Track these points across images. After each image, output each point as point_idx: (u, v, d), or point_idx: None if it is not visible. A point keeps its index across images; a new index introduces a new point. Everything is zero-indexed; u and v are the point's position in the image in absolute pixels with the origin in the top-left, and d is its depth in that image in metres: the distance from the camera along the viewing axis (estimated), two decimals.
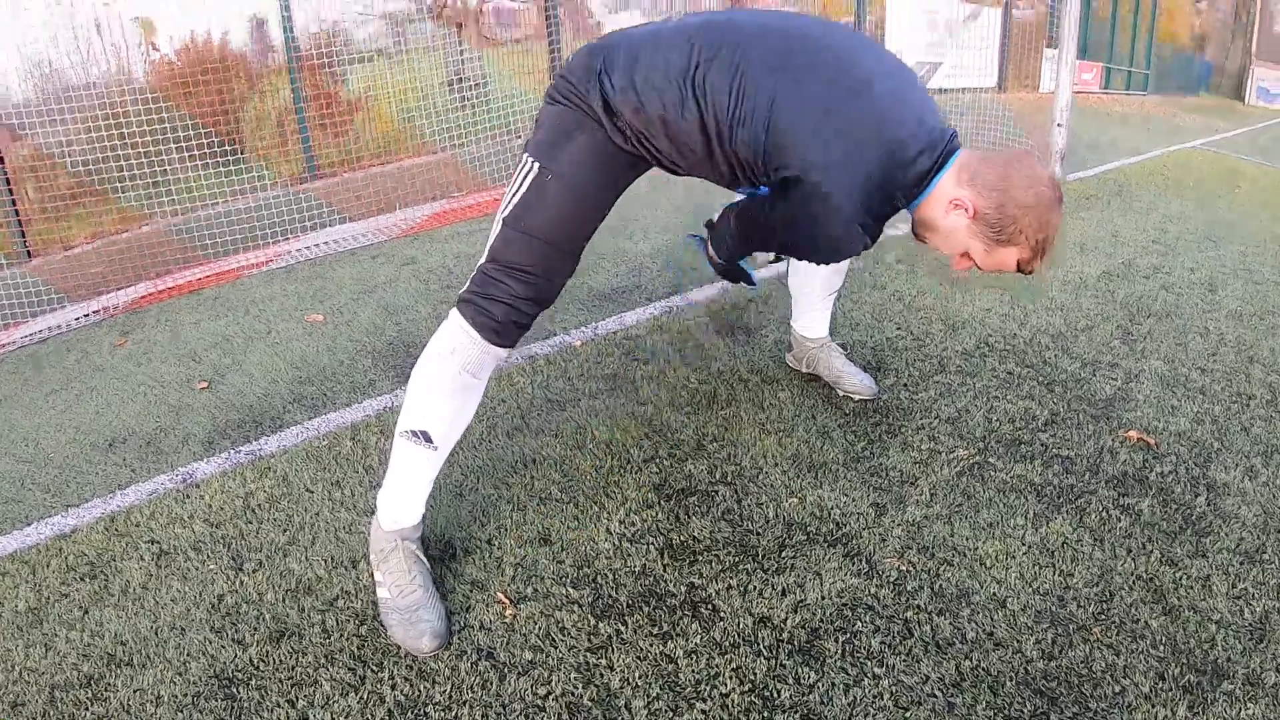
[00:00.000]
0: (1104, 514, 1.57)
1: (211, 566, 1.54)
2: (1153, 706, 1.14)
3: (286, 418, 2.10)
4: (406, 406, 1.38)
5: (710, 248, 1.69)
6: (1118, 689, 1.17)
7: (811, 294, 1.95)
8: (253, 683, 1.26)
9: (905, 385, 2.06)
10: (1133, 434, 1.84)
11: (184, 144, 4.41)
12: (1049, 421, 1.90)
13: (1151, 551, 1.46)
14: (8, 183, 4.06)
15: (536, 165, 1.34)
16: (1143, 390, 2.06)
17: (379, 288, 3.05)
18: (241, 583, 1.49)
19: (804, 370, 2.04)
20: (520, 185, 1.34)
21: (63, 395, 2.46)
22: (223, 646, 1.34)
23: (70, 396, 2.43)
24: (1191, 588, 1.38)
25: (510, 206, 1.34)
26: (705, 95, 1.28)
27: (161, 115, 4.43)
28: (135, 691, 1.26)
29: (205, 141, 4.43)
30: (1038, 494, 1.63)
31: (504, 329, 1.34)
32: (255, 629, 1.37)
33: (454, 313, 1.37)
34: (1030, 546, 1.47)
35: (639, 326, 2.45)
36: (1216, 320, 2.52)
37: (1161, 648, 1.25)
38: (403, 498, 1.40)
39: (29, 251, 4.07)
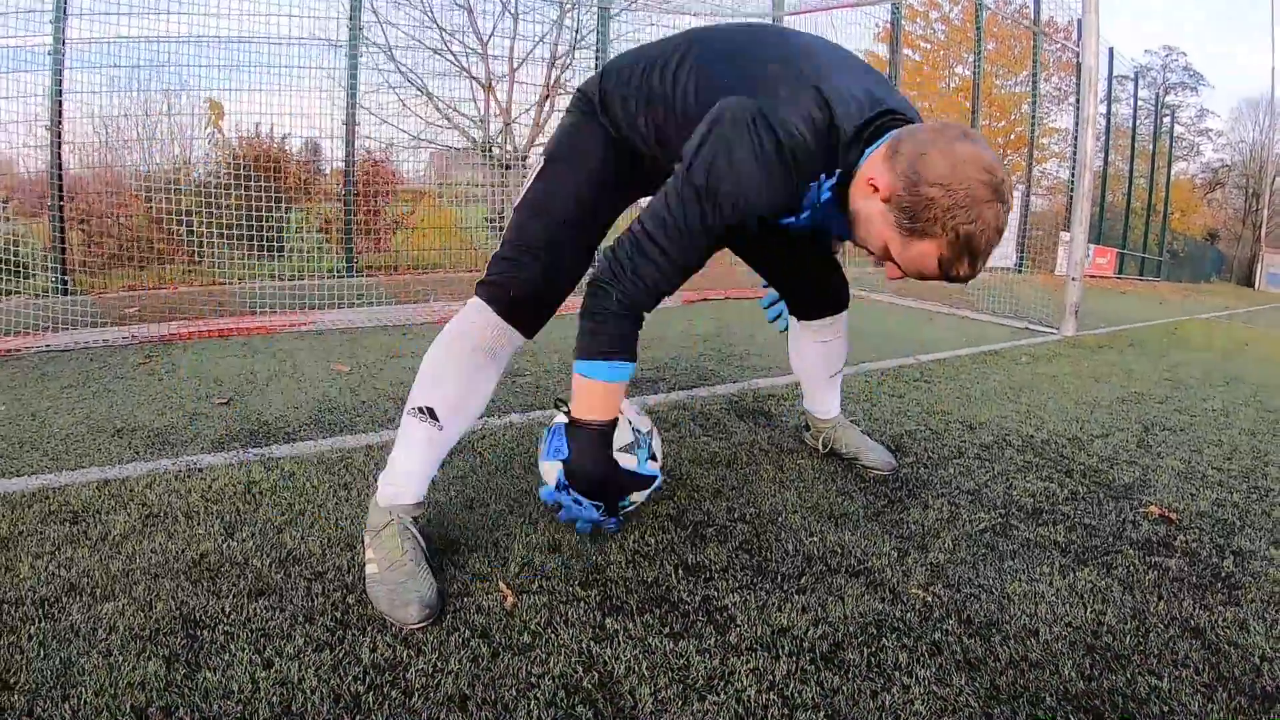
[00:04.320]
0: (1131, 568, 1.50)
1: (200, 531, 1.47)
2: None
3: (302, 434, 2.07)
4: (416, 384, 1.37)
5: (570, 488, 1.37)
6: (1165, 709, 1.06)
7: (814, 375, 1.96)
8: (219, 627, 1.16)
9: (924, 464, 2.03)
10: (1154, 509, 1.79)
11: (229, 229, 4.68)
12: (1069, 498, 1.86)
13: (1183, 599, 1.38)
14: (61, 230, 4.28)
15: (544, 158, 1.45)
16: (1161, 480, 2.03)
17: (406, 356, 3.10)
18: (229, 547, 1.40)
19: (822, 450, 2.02)
20: (532, 178, 1.45)
21: (78, 391, 2.43)
22: (195, 594, 1.24)
23: (86, 393, 2.41)
24: (1229, 628, 1.29)
25: (523, 195, 1.44)
26: (666, 81, 1.33)
27: (213, 197, 4.75)
28: (90, 618, 1.16)
29: (250, 230, 4.70)
30: (1062, 551, 1.56)
31: (518, 305, 1.37)
32: (235, 585, 1.28)
33: (473, 297, 1.40)
34: (1059, 590, 1.38)
35: (661, 405, 2.46)
36: (1230, 435, 2.52)
37: (1206, 674, 1.15)
38: (403, 474, 1.36)
39: (66, 291, 4.21)
